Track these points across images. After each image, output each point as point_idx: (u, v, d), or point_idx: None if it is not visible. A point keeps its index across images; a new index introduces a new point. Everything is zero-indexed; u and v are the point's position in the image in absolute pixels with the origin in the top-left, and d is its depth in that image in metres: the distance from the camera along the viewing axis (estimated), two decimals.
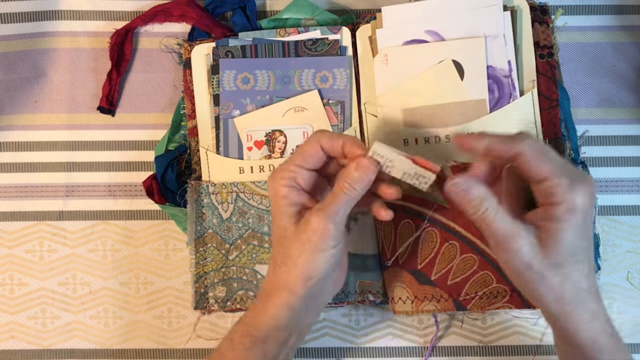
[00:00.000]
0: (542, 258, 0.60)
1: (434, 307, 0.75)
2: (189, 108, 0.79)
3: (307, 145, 0.65)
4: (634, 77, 0.80)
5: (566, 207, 0.59)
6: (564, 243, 0.60)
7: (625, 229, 0.79)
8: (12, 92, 0.81)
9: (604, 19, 0.81)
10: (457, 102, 0.75)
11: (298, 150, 0.65)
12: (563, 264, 0.60)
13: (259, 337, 0.65)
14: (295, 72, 0.77)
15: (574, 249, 0.60)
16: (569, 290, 0.61)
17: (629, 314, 0.78)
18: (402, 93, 0.76)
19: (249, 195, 0.76)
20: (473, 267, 0.74)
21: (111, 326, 0.80)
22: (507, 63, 0.75)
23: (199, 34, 0.80)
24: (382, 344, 0.79)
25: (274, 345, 0.65)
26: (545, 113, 0.76)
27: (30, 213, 0.81)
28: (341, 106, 0.77)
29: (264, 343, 0.65)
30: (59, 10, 0.81)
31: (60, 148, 0.81)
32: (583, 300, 0.62)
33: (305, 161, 0.65)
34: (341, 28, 0.78)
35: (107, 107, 0.81)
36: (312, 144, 0.65)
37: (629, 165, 0.80)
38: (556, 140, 0.75)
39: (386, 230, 0.76)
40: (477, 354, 0.79)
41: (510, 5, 0.76)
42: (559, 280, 0.61)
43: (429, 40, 0.76)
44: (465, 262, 0.74)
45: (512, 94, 0.75)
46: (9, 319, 0.80)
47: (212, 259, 0.77)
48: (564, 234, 0.60)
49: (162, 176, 0.78)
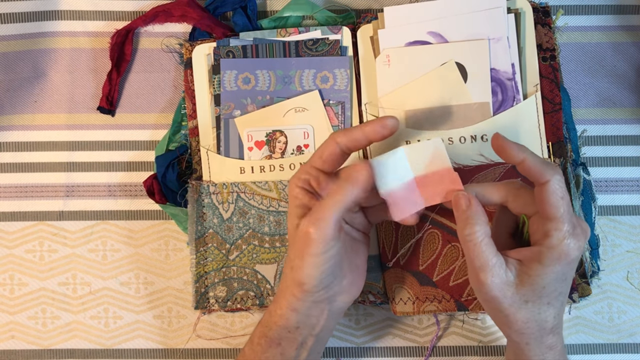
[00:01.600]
0: (512, 294, 0.61)
1: (436, 308, 0.75)
2: (190, 108, 0.78)
3: (324, 146, 0.65)
4: (634, 77, 0.80)
5: (557, 253, 0.60)
6: (540, 285, 0.61)
7: (625, 229, 0.79)
8: (12, 92, 0.81)
9: (604, 19, 0.81)
10: (460, 104, 0.75)
11: (315, 152, 0.65)
12: (534, 302, 0.61)
13: (273, 338, 0.66)
14: (296, 73, 0.77)
15: (549, 292, 0.61)
16: (532, 327, 0.62)
17: (629, 314, 0.78)
18: (404, 94, 0.76)
19: (249, 195, 0.76)
20: None
21: (111, 326, 0.80)
22: (511, 66, 0.75)
23: (200, 33, 0.80)
24: (382, 344, 0.80)
25: (290, 348, 0.66)
26: (548, 116, 0.76)
27: (30, 213, 0.81)
28: (342, 107, 0.77)
29: (279, 345, 0.66)
30: (59, 10, 0.81)
31: (60, 148, 0.81)
32: (544, 336, 0.63)
33: (322, 161, 0.64)
34: (342, 28, 0.78)
35: (107, 107, 0.81)
36: (328, 145, 0.64)
37: (629, 165, 0.80)
38: (559, 143, 0.75)
39: (387, 231, 0.76)
40: (477, 354, 0.79)
41: (513, 8, 0.76)
42: (524, 316, 0.62)
43: (432, 41, 0.76)
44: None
45: (515, 97, 0.75)
46: (9, 319, 0.80)
47: (212, 258, 0.77)
48: (543, 278, 0.61)
49: (163, 176, 0.78)
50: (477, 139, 0.75)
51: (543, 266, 0.60)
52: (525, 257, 0.61)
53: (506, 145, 0.62)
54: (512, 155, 0.61)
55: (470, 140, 0.75)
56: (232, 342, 0.80)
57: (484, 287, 0.61)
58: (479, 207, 0.62)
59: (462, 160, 0.75)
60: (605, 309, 0.78)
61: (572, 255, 0.60)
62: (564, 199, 0.60)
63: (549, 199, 0.60)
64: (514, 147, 0.61)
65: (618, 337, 0.78)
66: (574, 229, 0.60)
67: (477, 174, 0.74)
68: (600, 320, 0.78)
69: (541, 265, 0.60)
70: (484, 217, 0.61)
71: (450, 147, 0.75)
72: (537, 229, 0.62)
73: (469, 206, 0.62)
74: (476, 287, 0.63)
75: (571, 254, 0.60)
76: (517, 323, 0.62)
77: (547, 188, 0.60)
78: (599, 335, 0.78)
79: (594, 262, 0.76)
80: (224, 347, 0.80)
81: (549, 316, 0.62)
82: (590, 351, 0.78)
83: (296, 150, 0.77)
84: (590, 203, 0.77)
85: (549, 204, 0.60)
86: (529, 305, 0.61)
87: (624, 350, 0.78)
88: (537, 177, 0.60)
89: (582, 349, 0.78)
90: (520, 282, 0.61)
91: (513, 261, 0.62)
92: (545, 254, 0.60)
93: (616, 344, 0.78)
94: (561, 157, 0.75)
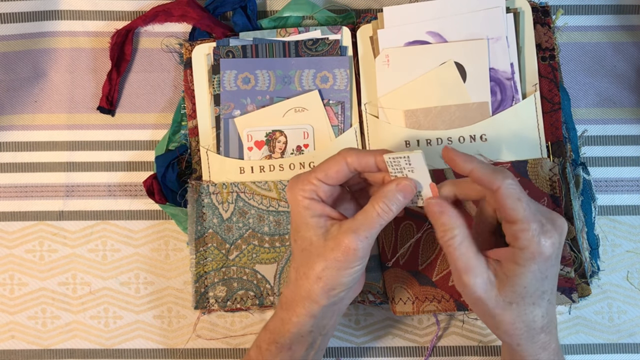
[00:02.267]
0: (496, 295, 0.61)
1: (435, 308, 0.75)
2: (190, 108, 0.79)
3: (332, 162, 0.64)
4: (634, 77, 0.80)
5: (529, 253, 0.60)
6: (520, 285, 0.61)
7: (625, 229, 0.79)
8: (12, 92, 0.81)
9: (604, 19, 0.81)
10: (459, 104, 0.75)
11: (322, 166, 0.64)
12: (518, 303, 0.61)
13: (284, 344, 0.67)
14: (295, 72, 0.77)
15: (531, 292, 0.61)
16: (520, 328, 0.63)
17: (629, 314, 0.78)
18: (404, 94, 0.76)
19: (249, 195, 0.76)
20: None
21: (111, 326, 0.80)
22: (510, 65, 0.75)
23: (199, 33, 0.80)
24: (382, 344, 0.80)
25: (300, 349, 0.67)
26: (547, 116, 0.76)
27: (30, 213, 0.81)
28: (341, 106, 0.77)
29: (290, 349, 0.67)
30: (59, 10, 0.81)
31: (60, 148, 0.81)
32: (535, 336, 0.63)
33: (327, 177, 0.64)
34: (341, 28, 0.78)
35: (107, 107, 0.81)
36: (337, 162, 0.64)
37: (629, 165, 0.80)
38: (558, 143, 0.75)
39: (386, 231, 0.76)
40: (477, 354, 0.79)
41: (512, 7, 0.76)
42: (511, 317, 0.62)
43: (431, 41, 0.76)
44: None
45: (514, 96, 0.75)
46: (9, 319, 0.80)
47: (212, 258, 0.77)
48: (521, 278, 0.60)
49: (163, 176, 0.78)
50: (476, 139, 0.75)
51: (519, 266, 0.60)
52: (503, 257, 0.62)
53: (455, 156, 0.62)
54: (460, 166, 0.62)
55: (469, 140, 0.75)
56: (232, 342, 0.80)
57: (468, 288, 0.61)
58: (453, 211, 0.62)
59: None
60: (605, 309, 0.78)
61: (547, 252, 0.60)
62: (522, 200, 0.60)
63: (506, 204, 0.60)
64: (461, 157, 0.62)
65: (618, 337, 0.78)
66: (543, 227, 0.60)
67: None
68: (600, 320, 0.78)
69: (517, 265, 0.60)
70: (459, 219, 0.61)
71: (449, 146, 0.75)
72: (507, 230, 0.62)
73: (442, 213, 0.62)
74: (462, 289, 0.63)
75: (545, 251, 0.60)
76: (504, 324, 0.62)
77: (501, 193, 0.60)
78: (599, 335, 0.78)
79: (594, 262, 0.76)
80: (224, 347, 0.80)
81: (536, 316, 0.62)
82: (590, 351, 0.78)
83: (296, 150, 0.77)
84: (590, 203, 0.76)
85: (507, 208, 0.60)
86: (514, 306, 0.61)
87: (624, 350, 0.78)
88: (488, 185, 0.60)
89: (582, 349, 0.78)
90: (501, 283, 0.61)
91: (493, 261, 0.62)
92: (519, 255, 0.60)
93: (616, 344, 0.78)
94: (560, 156, 0.75)
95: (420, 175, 0.63)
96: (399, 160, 0.62)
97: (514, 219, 0.60)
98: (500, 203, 0.60)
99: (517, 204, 0.60)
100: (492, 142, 0.75)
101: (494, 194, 0.60)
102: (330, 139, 0.77)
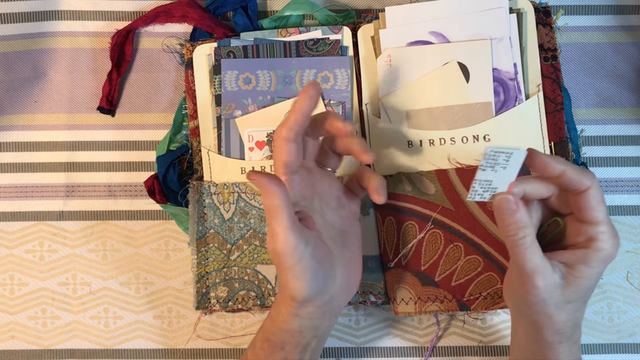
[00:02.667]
0: (559, 295, 0.62)
1: (437, 308, 0.75)
2: (191, 108, 0.78)
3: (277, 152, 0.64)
4: (634, 77, 0.80)
5: (604, 255, 0.61)
6: (585, 285, 0.62)
7: (625, 229, 0.79)
8: (12, 92, 0.81)
9: (604, 19, 0.81)
10: (463, 104, 0.75)
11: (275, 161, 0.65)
12: (575, 302, 0.63)
13: (276, 342, 0.66)
14: (296, 73, 0.77)
15: (588, 291, 0.63)
16: (569, 326, 0.63)
17: (629, 314, 0.79)
18: (406, 94, 0.76)
19: (250, 195, 0.76)
20: (478, 269, 0.74)
21: (111, 326, 0.80)
22: (513, 66, 0.75)
23: (200, 34, 0.80)
24: (382, 344, 0.80)
25: (294, 349, 0.66)
26: (550, 116, 0.76)
27: (30, 213, 0.81)
28: (342, 107, 0.77)
29: (283, 349, 0.66)
30: (59, 11, 0.81)
31: (60, 148, 0.81)
32: (574, 332, 0.64)
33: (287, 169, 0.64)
34: (342, 28, 0.78)
35: (107, 107, 0.81)
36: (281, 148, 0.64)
37: (629, 165, 0.80)
38: (561, 143, 0.75)
39: (388, 232, 0.76)
40: (477, 354, 0.79)
41: (515, 8, 0.76)
42: (565, 316, 0.63)
43: (433, 41, 0.76)
44: (470, 263, 0.74)
45: (517, 97, 0.75)
46: (9, 319, 0.80)
47: (213, 259, 0.77)
48: (589, 279, 0.62)
49: (164, 176, 0.78)
50: (479, 139, 0.75)
51: (590, 268, 0.61)
52: (570, 260, 0.62)
53: (546, 161, 0.62)
54: (552, 167, 0.62)
55: (472, 140, 0.75)
56: (232, 342, 0.80)
57: (535, 290, 0.61)
58: (525, 210, 0.62)
59: (465, 160, 0.75)
60: (605, 309, 0.79)
61: (615, 255, 0.62)
62: (603, 203, 0.62)
63: (592, 204, 0.61)
64: (553, 159, 0.62)
65: (618, 337, 0.78)
66: (613, 229, 0.62)
67: None
68: (600, 320, 0.79)
69: (588, 267, 0.61)
70: (530, 219, 0.62)
71: (452, 147, 0.75)
72: (578, 232, 0.63)
73: (516, 210, 0.62)
74: (524, 290, 0.62)
75: (614, 254, 0.62)
76: (558, 324, 0.63)
77: (590, 194, 0.61)
78: (599, 335, 0.78)
79: None
80: (224, 347, 0.80)
81: (582, 313, 0.64)
82: (590, 351, 0.78)
83: None
84: None
85: (592, 208, 0.61)
86: (570, 305, 0.62)
87: (624, 350, 0.78)
88: (578, 185, 0.61)
89: (582, 349, 0.78)
90: (567, 284, 0.62)
91: (557, 264, 0.62)
92: (593, 257, 0.61)
93: (616, 344, 0.78)
94: (563, 157, 0.75)
95: (508, 173, 0.62)
96: (499, 155, 0.60)
97: (596, 221, 0.61)
98: (587, 203, 0.61)
99: (601, 206, 0.61)
100: (496, 142, 0.75)
101: (581, 194, 0.61)
102: None
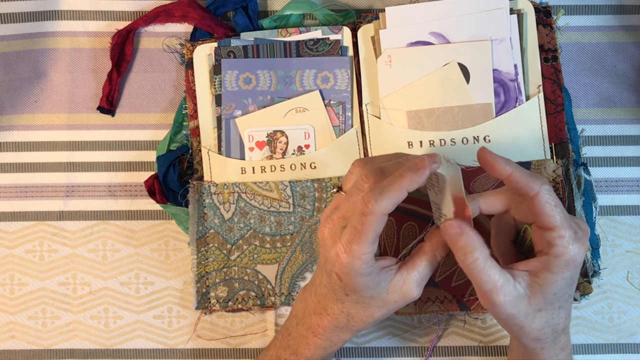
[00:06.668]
0: (526, 305, 0.60)
1: (438, 308, 0.75)
2: (191, 108, 0.78)
3: (364, 225, 0.60)
4: (634, 77, 0.80)
5: (564, 260, 0.59)
6: (551, 292, 0.60)
7: (625, 229, 0.79)
8: (12, 92, 0.81)
9: (604, 19, 0.81)
10: (463, 105, 0.75)
11: (357, 230, 0.61)
12: (546, 310, 0.61)
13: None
14: (296, 73, 0.77)
15: (559, 297, 0.61)
16: (547, 333, 0.62)
17: (629, 314, 0.78)
18: (406, 95, 0.76)
19: (250, 195, 0.76)
20: None
21: (111, 326, 0.80)
22: (513, 67, 0.75)
23: (201, 34, 0.80)
24: (382, 344, 0.80)
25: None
26: (550, 117, 0.76)
27: (30, 213, 0.81)
28: (342, 107, 0.77)
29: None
30: (59, 10, 0.81)
31: (60, 148, 0.81)
32: (557, 338, 0.64)
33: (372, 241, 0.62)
34: (342, 28, 0.78)
35: (107, 107, 0.80)
36: (370, 220, 0.60)
37: (629, 165, 0.80)
38: (562, 144, 0.75)
39: (388, 233, 0.76)
40: (477, 354, 0.79)
41: (516, 8, 0.76)
42: (539, 324, 0.62)
43: (434, 42, 0.76)
44: None
45: (518, 98, 0.75)
46: (9, 319, 0.80)
47: (213, 259, 0.77)
48: (554, 285, 0.60)
49: (164, 176, 0.78)
50: (479, 140, 0.75)
51: (553, 274, 0.60)
52: (534, 268, 0.61)
53: (492, 158, 0.61)
54: (498, 169, 0.60)
55: (472, 141, 0.75)
56: (232, 342, 0.80)
57: (498, 307, 0.60)
58: (472, 232, 0.60)
59: (464, 161, 0.75)
60: (606, 309, 0.79)
61: (579, 259, 0.60)
62: (558, 206, 0.60)
63: (544, 210, 0.59)
64: (500, 160, 0.61)
65: (618, 337, 0.78)
66: (576, 233, 0.60)
67: (479, 175, 0.75)
68: (600, 320, 0.78)
69: (551, 273, 0.60)
70: (479, 239, 0.60)
71: (452, 148, 0.75)
72: (540, 238, 0.61)
73: (460, 234, 0.60)
74: (489, 308, 0.61)
75: (578, 258, 0.60)
76: (533, 332, 0.62)
77: (539, 199, 0.59)
78: (599, 335, 0.78)
79: (595, 262, 0.76)
80: (224, 347, 0.80)
81: (561, 318, 0.62)
82: (590, 351, 0.78)
83: (297, 151, 0.77)
84: (590, 203, 0.77)
85: (544, 214, 0.59)
86: (542, 312, 0.61)
87: (624, 350, 0.78)
88: (526, 190, 0.60)
89: (582, 349, 0.78)
90: (532, 293, 0.60)
91: (520, 273, 0.61)
92: (554, 263, 0.60)
93: (616, 344, 0.78)
94: (564, 158, 0.75)
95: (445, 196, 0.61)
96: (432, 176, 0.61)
97: (550, 226, 0.60)
98: (538, 209, 0.60)
99: (554, 211, 0.59)
100: (496, 143, 0.75)
101: (531, 200, 0.60)
102: (331, 139, 0.77)
